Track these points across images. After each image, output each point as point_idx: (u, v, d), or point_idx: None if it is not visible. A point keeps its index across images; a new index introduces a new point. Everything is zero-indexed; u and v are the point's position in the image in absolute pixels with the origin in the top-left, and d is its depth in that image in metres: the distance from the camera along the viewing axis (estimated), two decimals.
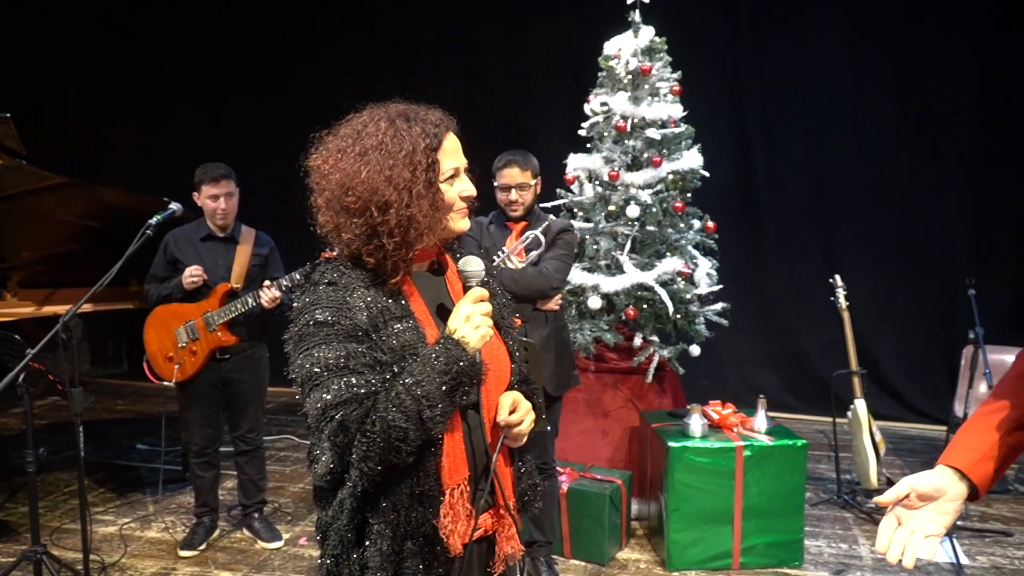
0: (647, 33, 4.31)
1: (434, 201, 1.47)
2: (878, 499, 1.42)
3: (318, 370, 1.38)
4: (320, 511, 1.52)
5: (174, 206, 3.29)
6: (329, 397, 1.37)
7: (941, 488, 1.36)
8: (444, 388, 1.39)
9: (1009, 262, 6.02)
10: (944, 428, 5.11)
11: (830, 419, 4.44)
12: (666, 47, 4.34)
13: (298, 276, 3.43)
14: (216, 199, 3.66)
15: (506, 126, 6.55)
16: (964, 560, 3.66)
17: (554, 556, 3.51)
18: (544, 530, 3.41)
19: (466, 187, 1.55)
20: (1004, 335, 5.80)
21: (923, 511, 1.36)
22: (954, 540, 3.73)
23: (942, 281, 6.02)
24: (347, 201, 1.44)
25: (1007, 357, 5.00)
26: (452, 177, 1.52)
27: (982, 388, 4.19)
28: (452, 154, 1.52)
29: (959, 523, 3.94)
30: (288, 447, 5.51)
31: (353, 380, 1.38)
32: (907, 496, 1.36)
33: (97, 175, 4.82)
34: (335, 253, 1.54)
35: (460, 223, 1.55)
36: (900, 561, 1.32)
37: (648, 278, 4.10)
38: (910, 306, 6.17)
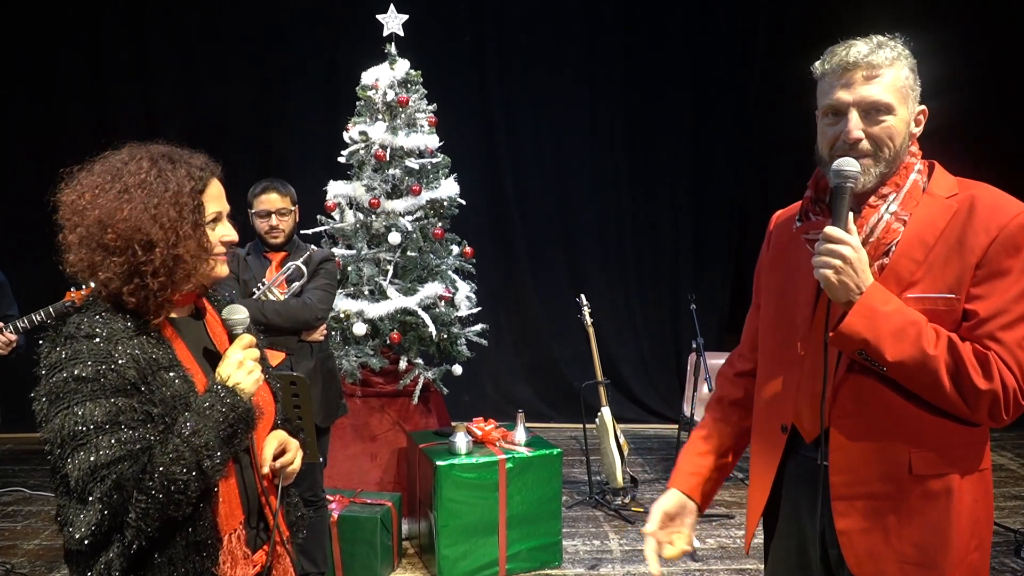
0: (403, 65, 4.45)
1: (200, 242, 1.48)
2: (644, 530, 1.71)
3: (83, 428, 1.32)
4: None
5: None
6: (100, 456, 1.32)
7: (682, 506, 1.73)
8: (222, 436, 1.40)
9: (724, 276, 6.92)
10: (676, 426, 5.72)
11: (581, 426, 4.81)
12: (421, 80, 4.51)
13: (37, 318, 3.13)
14: None
15: (261, 154, 6.38)
16: (696, 544, 4.14)
17: None
18: (316, 562, 3.38)
19: (228, 232, 1.57)
20: (722, 341, 6.64)
21: (674, 528, 1.72)
22: None
23: (670, 296, 6.78)
24: (106, 239, 1.40)
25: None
26: (214, 221, 1.54)
27: (704, 390, 4.77)
28: (216, 199, 1.54)
29: None
30: (18, 500, 4.94)
31: (124, 436, 1.34)
32: (662, 518, 1.71)
33: None
34: (82, 292, 1.48)
35: (221, 268, 1.57)
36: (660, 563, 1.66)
37: (411, 303, 4.24)
38: (645, 319, 6.87)
